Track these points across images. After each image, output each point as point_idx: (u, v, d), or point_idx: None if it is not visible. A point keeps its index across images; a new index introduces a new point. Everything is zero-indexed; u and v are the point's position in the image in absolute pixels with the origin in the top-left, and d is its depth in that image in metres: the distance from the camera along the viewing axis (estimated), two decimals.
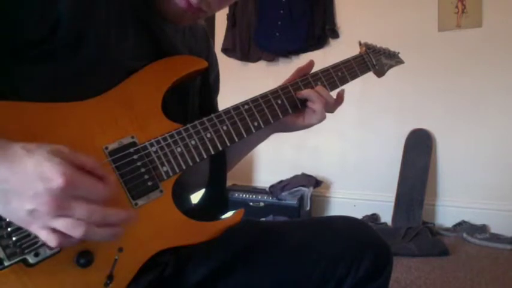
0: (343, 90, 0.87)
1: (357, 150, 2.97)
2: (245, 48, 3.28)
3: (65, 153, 0.50)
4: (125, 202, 0.61)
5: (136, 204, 0.62)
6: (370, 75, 0.97)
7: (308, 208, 2.80)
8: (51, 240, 0.49)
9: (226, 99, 0.87)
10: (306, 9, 3.02)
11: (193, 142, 0.68)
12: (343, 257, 0.70)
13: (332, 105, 0.82)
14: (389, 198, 2.74)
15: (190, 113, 0.79)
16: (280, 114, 0.78)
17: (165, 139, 0.66)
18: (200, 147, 0.68)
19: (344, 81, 0.88)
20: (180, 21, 0.73)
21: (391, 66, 1.02)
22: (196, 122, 0.69)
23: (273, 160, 3.19)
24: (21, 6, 0.58)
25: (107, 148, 0.61)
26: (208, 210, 0.76)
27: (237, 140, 0.72)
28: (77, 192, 0.48)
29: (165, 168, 0.64)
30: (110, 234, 0.51)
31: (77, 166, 0.50)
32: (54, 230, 0.48)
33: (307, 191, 2.80)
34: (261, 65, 3.28)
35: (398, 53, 1.07)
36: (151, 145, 0.64)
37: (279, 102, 0.78)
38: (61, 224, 0.48)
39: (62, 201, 0.48)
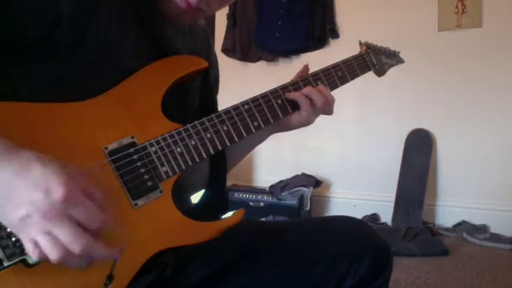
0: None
1: (357, 150, 2.97)
2: (245, 48, 3.28)
3: (77, 173, 0.50)
4: (125, 202, 0.61)
5: (136, 204, 0.61)
6: (371, 74, 0.97)
7: (308, 208, 2.79)
8: (33, 253, 0.49)
9: (226, 99, 0.87)
10: (306, 9, 3.02)
11: (193, 142, 0.68)
12: (343, 257, 0.70)
13: (322, 104, 0.80)
14: (389, 198, 2.74)
15: (190, 113, 0.79)
16: (280, 114, 0.78)
17: (164, 139, 0.66)
18: (200, 147, 0.68)
19: (344, 80, 0.87)
20: (180, 20, 0.73)
21: (391, 66, 1.02)
22: (196, 122, 0.69)
23: (273, 160, 3.18)
24: (20, 5, 0.58)
25: (106, 148, 0.61)
26: (208, 210, 0.76)
27: (237, 140, 0.72)
28: (72, 212, 0.48)
29: (164, 169, 0.64)
30: (85, 266, 0.51)
31: (84, 190, 0.50)
32: (38, 245, 0.48)
33: (307, 191, 2.80)
34: (261, 65, 3.28)
35: (399, 52, 1.07)
36: (151, 145, 0.64)
37: (279, 102, 0.78)
38: (43, 240, 0.48)
39: (55, 214, 0.47)
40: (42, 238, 0.48)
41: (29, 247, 0.49)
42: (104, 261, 0.53)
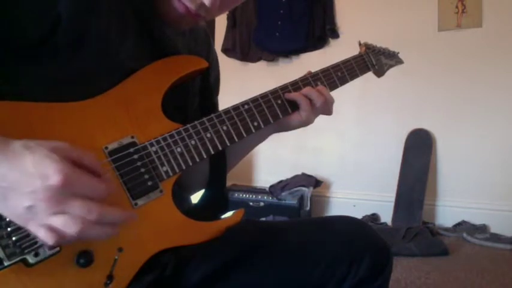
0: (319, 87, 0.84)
1: (357, 150, 2.97)
2: (245, 48, 3.28)
3: (65, 149, 0.50)
4: (125, 202, 0.61)
5: (136, 204, 0.61)
6: (370, 75, 0.97)
7: (308, 208, 2.79)
8: (48, 238, 0.49)
9: (226, 99, 0.87)
10: (306, 9, 3.02)
11: (193, 142, 0.68)
12: (343, 257, 0.70)
13: (322, 104, 0.81)
14: (389, 198, 2.74)
15: (190, 113, 0.79)
16: (280, 114, 0.78)
17: (165, 139, 0.66)
18: (200, 147, 0.68)
19: (344, 81, 0.88)
20: (180, 24, 0.73)
21: (390, 66, 1.02)
22: (196, 122, 0.69)
23: (273, 160, 3.18)
24: (20, 5, 0.58)
25: (106, 148, 0.61)
26: (208, 210, 0.76)
27: (236, 140, 0.72)
28: (75, 190, 0.49)
29: (165, 168, 0.64)
30: (107, 233, 0.52)
31: (76, 162, 0.50)
32: (52, 228, 0.48)
33: (307, 191, 2.80)
34: (261, 65, 3.28)
35: (398, 52, 1.07)
36: (151, 145, 0.64)
37: (279, 102, 0.78)
38: (58, 220, 0.48)
39: (60, 198, 0.48)
40: (56, 218, 0.48)
41: (41, 234, 0.49)
42: (123, 222, 0.54)
